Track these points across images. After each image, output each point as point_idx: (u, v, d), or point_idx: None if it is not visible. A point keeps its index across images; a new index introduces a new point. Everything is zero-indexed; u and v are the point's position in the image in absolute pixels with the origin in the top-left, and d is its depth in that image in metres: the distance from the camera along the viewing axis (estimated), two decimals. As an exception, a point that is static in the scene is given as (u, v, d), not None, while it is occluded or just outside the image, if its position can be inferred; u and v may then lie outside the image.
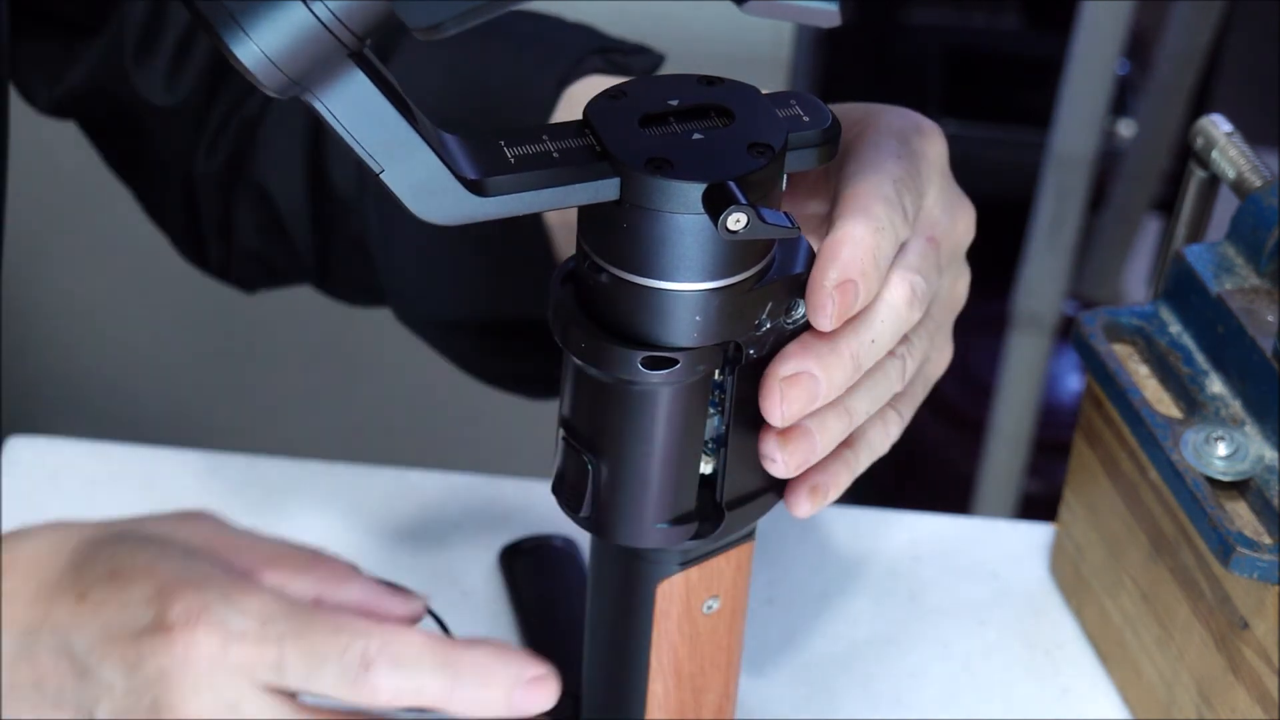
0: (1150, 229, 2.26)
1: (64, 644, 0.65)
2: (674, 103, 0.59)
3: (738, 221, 0.55)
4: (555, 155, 0.57)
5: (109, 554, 0.68)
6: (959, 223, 0.67)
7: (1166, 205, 1.60)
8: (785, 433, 0.62)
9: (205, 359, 1.64)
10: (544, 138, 0.58)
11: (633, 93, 0.60)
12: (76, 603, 0.66)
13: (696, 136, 0.58)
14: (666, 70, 0.63)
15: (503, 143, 0.58)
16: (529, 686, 0.68)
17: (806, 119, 0.60)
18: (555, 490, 0.64)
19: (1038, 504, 1.82)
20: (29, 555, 0.68)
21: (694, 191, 0.56)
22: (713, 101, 0.59)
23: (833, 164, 0.64)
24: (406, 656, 0.66)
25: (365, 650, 0.65)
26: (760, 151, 0.57)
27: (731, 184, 0.56)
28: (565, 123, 0.59)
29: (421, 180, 0.56)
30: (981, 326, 2.05)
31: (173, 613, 0.65)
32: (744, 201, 0.55)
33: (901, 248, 0.63)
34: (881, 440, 0.68)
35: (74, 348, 1.64)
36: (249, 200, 0.90)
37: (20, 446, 0.91)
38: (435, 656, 0.66)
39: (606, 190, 0.57)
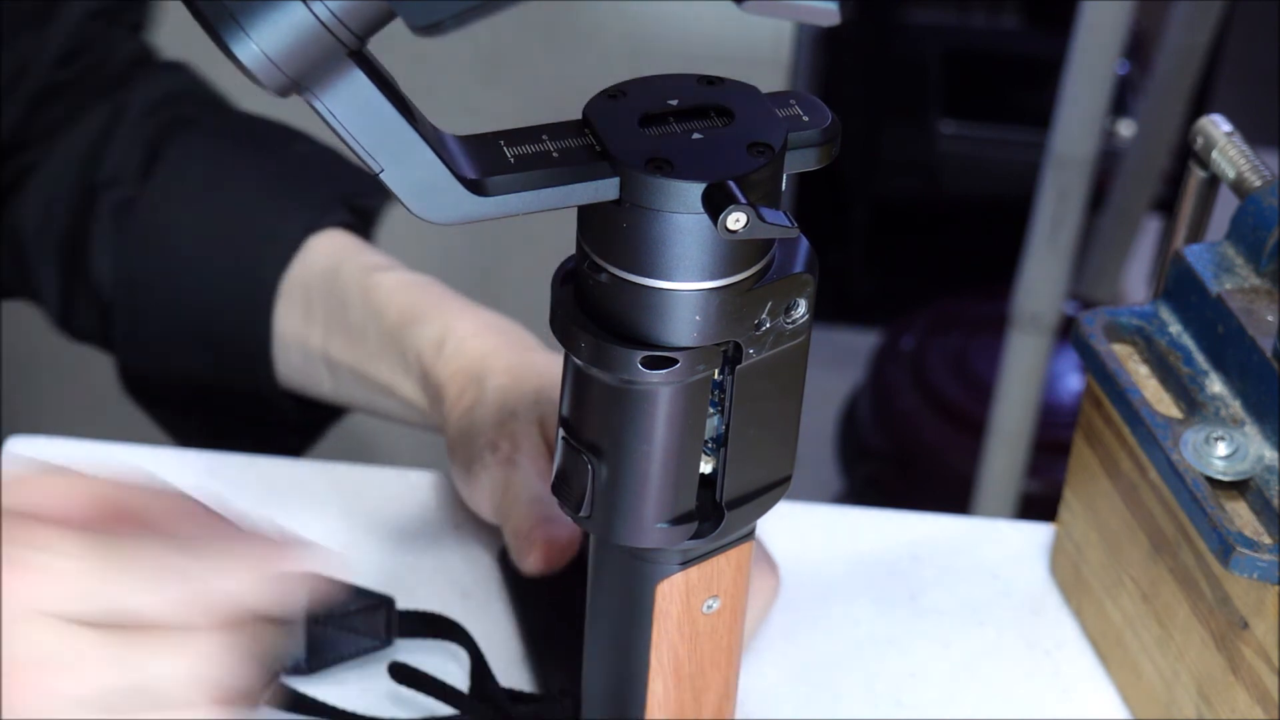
0: (1150, 229, 2.26)
1: None
2: (674, 103, 0.59)
3: (737, 221, 0.55)
4: (555, 155, 0.57)
5: None
6: None
7: (1166, 205, 1.60)
8: None
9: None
10: (543, 137, 0.58)
11: (632, 93, 0.60)
12: None
13: (696, 136, 0.58)
14: (667, 70, 0.63)
15: (502, 143, 0.58)
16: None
17: (806, 119, 0.60)
18: (555, 490, 0.64)
19: (1038, 504, 1.82)
20: None
21: (694, 191, 0.56)
22: (713, 101, 0.59)
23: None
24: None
25: None
26: (760, 151, 0.57)
27: (731, 183, 0.56)
28: (565, 122, 0.59)
29: (421, 180, 0.56)
30: (981, 326, 2.06)
31: None
32: (744, 201, 0.55)
33: None
34: None
35: (74, 348, 1.64)
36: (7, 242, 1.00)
37: (20, 446, 0.91)
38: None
39: (606, 190, 0.57)
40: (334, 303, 0.92)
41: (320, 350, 0.93)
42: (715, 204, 0.56)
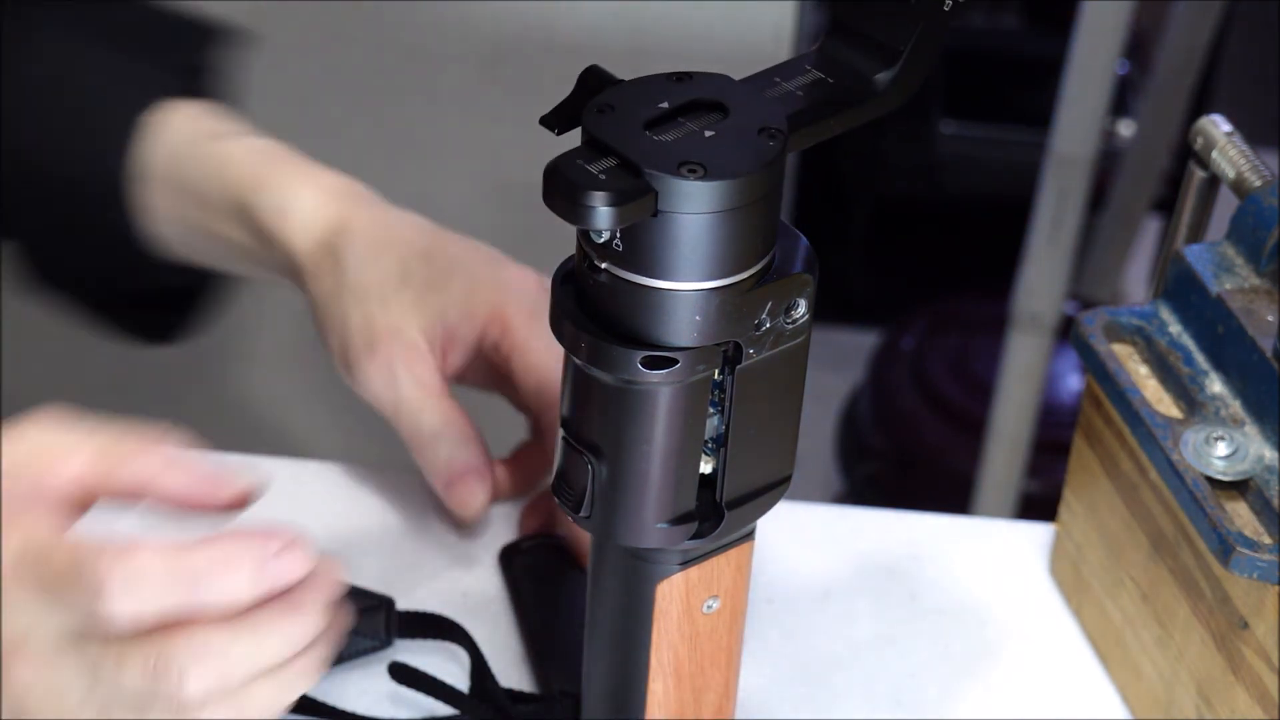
0: (1150, 229, 2.26)
1: None
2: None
3: None
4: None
5: None
6: None
7: (1166, 205, 1.60)
8: None
9: (204, 358, 1.64)
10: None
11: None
12: None
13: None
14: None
15: None
16: (277, 557, 0.64)
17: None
18: (555, 490, 0.64)
19: (1038, 504, 1.82)
20: None
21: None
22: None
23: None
24: (136, 575, 0.62)
25: (95, 575, 0.61)
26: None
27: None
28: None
29: None
30: (981, 326, 2.06)
31: None
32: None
33: None
34: None
35: (74, 347, 1.64)
36: None
37: (20, 446, 0.91)
38: (166, 566, 0.62)
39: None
40: (183, 173, 0.89)
41: (177, 217, 0.90)
42: None
